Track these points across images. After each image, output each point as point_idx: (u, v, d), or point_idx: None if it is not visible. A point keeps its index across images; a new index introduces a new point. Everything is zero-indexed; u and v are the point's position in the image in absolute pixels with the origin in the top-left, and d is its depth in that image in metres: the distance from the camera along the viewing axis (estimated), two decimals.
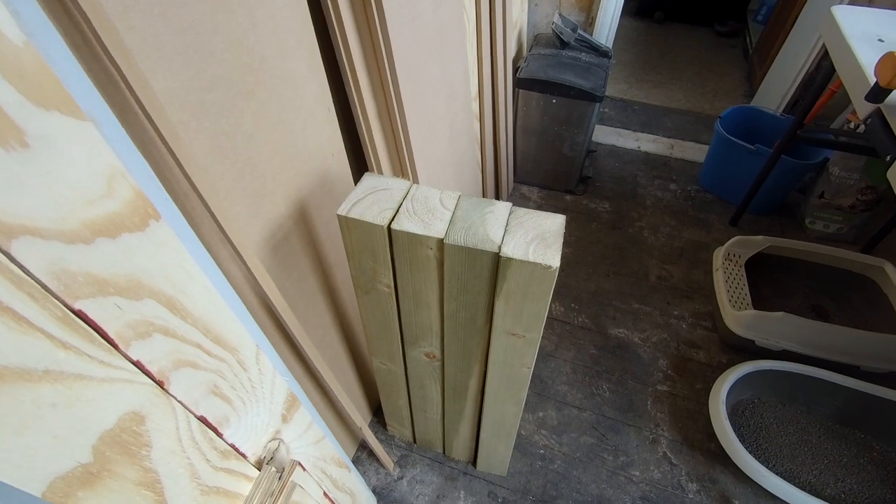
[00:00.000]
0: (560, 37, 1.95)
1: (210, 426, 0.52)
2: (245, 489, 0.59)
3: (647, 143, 2.46)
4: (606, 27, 2.15)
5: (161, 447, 0.44)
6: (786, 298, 1.72)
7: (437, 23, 1.15)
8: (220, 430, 0.54)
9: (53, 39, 0.35)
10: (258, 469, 0.62)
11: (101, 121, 0.40)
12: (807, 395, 1.37)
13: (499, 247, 0.69)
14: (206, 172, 0.62)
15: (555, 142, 2.02)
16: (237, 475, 0.58)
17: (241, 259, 0.66)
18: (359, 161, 1.06)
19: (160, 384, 0.44)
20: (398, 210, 0.75)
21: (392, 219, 0.74)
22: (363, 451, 1.34)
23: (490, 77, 1.63)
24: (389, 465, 1.30)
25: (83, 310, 0.36)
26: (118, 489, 0.40)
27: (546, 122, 1.96)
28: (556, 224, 0.72)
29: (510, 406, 1.01)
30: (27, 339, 0.32)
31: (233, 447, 0.57)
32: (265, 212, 0.76)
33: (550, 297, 0.72)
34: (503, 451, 1.20)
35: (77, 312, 0.35)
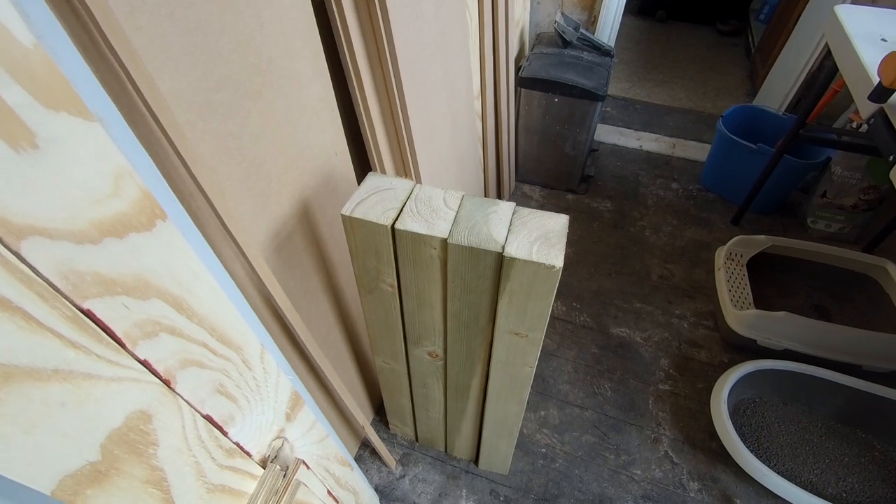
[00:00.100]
0: (562, 36, 1.95)
1: (215, 425, 0.52)
2: (250, 487, 0.59)
3: (649, 143, 2.46)
4: (608, 26, 2.15)
5: (168, 445, 0.45)
6: (788, 298, 1.72)
7: (440, 22, 1.15)
8: (226, 429, 0.54)
9: (62, 41, 0.35)
10: (263, 467, 0.62)
11: (109, 121, 0.40)
12: (808, 395, 1.37)
13: (502, 247, 0.69)
14: (213, 172, 0.62)
15: (557, 141, 2.02)
16: (242, 473, 0.58)
17: (246, 258, 0.66)
18: (362, 161, 1.06)
19: (167, 383, 0.44)
20: (402, 210, 0.75)
21: (396, 218, 0.74)
22: (366, 450, 1.34)
23: (492, 76, 1.63)
24: (392, 464, 1.31)
25: (91, 309, 0.36)
26: (126, 487, 0.41)
27: (548, 122, 1.96)
28: (560, 224, 0.72)
29: (512, 405, 1.01)
30: (37, 339, 0.32)
31: (238, 445, 0.57)
32: (270, 211, 0.76)
33: (553, 297, 0.72)
34: (505, 450, 1.20)
35: (85, 312, 0.36)
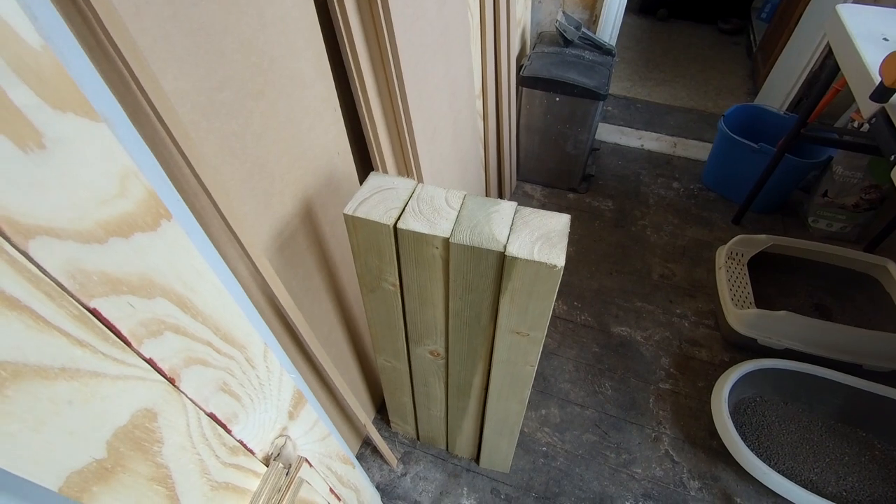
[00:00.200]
0: (563, 35, 1.95)
1: (219, 423, 0.53)
2: (253, 485, 0.60)
3: (651, 142, 2.46)
4: (610, 25, 2.15)
5: (172, 443, 0.45)
6: (788, 297, 1.72)
7: (442, 22, 1.15)
8: (229, 427, 0.55)
9: (69, 42, 0.35)
10: (266, 465, 0.63)
11: (115, 121, 0.41)
12: (809, 394, 1.38)
13: (504, 246, 0.70)
14: (216, 172, 0.63)
15: (558, 140, 2.02)
16: (246, 471, 0.58)
17: (249, 258, 0.66)
18: (364, 160, 1.06)
19: (171, 381, 0.44)
20: (404, 209, 0.75)
21: (398, 218, 0.74)
22: (367, 448, 1.34)
23: (494, 75, 1.63)
24: (393, 462, 1.31)
25: (98, 308, 0.36)
26: (131, 484, 0.41)
27: (549, 121, 1.96)
28: (561, 224, 0.72)
29: (513, 404, 1.01)
30: (44, 338, 0.32)
31: (241, 443, 0.57)
32: (272, 211, 0.77)
33: (555, 296, 0.73)
34: (506, 449, 1.21)
35: (92, 311, 0.36)
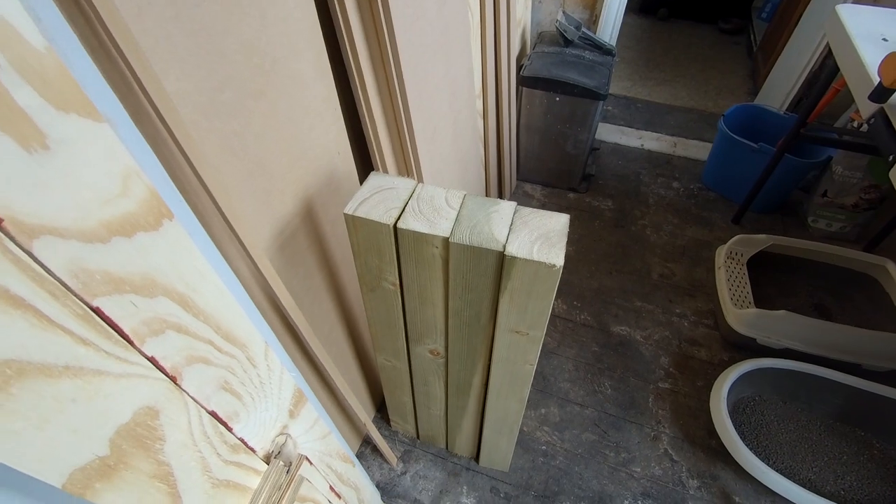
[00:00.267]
0: (564, 35, 1.95)
1: (221, 421, 0.53)
2: (254, 482, 0.60)
3: (651, 141, 2.46)
4: (610, 25, 2.15)
5: (174, 441, 0.45)
6: (788, 297, 1.72)
7: (442, 22, 1.15)
8: (230, 425, 0.55)
9: (72, 44, 0.36)
10: (266, 463, 0.63)
11: (117, 122, 0.41)
12: (808, 393, 1.38)
13: (503, 246, 0.70)
14: (217, 172, 0.63)
15: (558, 140, 2.02)
16: (246, 469, 0.59)
17: (250, 257, 0.67)
18: (364, 160, 1.07)
19: (173, 380, 0.45)
20: (404, 209, 0.76)
21: (398, 218, 0.74)
22: (367, 447, 1.35)
23: (494, 75, 1.63)
24: (393, 461, 1.32)
25: (101, 307, 0.37)
26: (134, 481, 0.41)
27: (549, 120, 1.96)
28: (561, 223, 0.73)
29: (513, 403, 1.02)
30: (48, 336, 0.33)
31: (242, 441, 0.58)
32: (273, 210, 0.77)
33: (554, 296, 0.73)
34: (505, 447, 1.21)
35: (95, 310, 0.36)
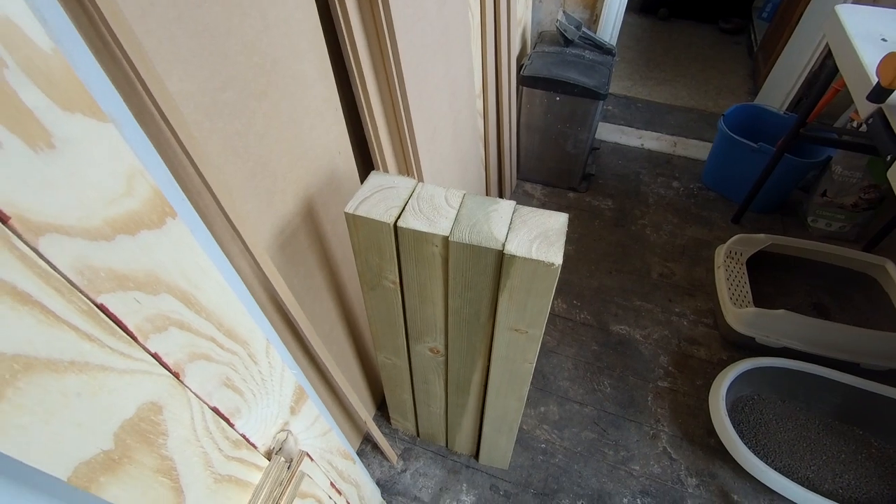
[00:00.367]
0: (564, 34, 1.95)
1: (223, 417, 0.54)
2: (255, 478, 0.61)
3: (651, 141, 2.47)
4: (610, 24, 2.15)
5: (177, 436, 0.46)
6: (787, 296, 1.73)
7: (442, 22, 1.16)
8: (232, 421, 0.56)
9: (78, 45, 0.36)
10: (268, 459, 0.64)
11: (121, 122, 0.42)
12: (806, 392, 1.38)
13: (503, 244, 0.70)
14: (219, 171, 0.64)
15: (558, 139, 2.02)
16: (248, 464, 0.59)
17: (252, 255, 0.68)
18: (365, 160, 1.07)
19: (176, 376, 0.45)
20: (404, 208, 0.76)
21: (398, 216, 0.75)
22: (367, 444, 1.36)
23: (494, 74, 1.64)
24: (393, 458, 1.32)
25: (105, 304, 0.37)
26: (137, 475, 0.42)
27: (549, 120, 1.97)
28: (559, 222, 0.73)
29: (512, 401, 1.02)
30: (54, 332, 0.33)
31: (244, 437, 0.58)
32: (275, 209, 0.78)
33: (553, 294, 0.73)
34: (505, 445, 1.22)
35: (99, 306, 0.37)
